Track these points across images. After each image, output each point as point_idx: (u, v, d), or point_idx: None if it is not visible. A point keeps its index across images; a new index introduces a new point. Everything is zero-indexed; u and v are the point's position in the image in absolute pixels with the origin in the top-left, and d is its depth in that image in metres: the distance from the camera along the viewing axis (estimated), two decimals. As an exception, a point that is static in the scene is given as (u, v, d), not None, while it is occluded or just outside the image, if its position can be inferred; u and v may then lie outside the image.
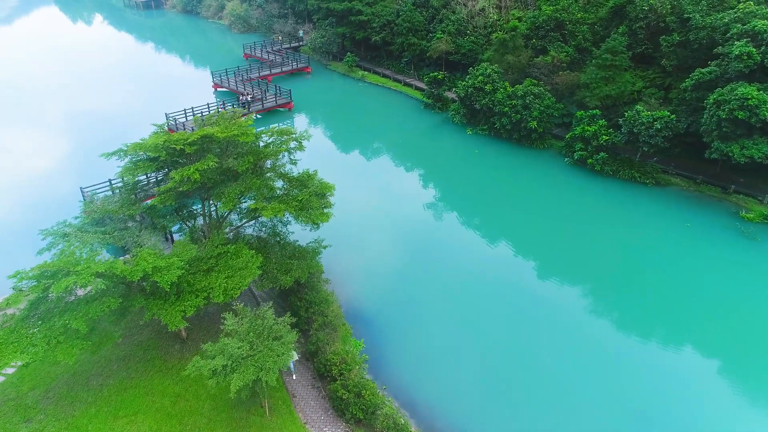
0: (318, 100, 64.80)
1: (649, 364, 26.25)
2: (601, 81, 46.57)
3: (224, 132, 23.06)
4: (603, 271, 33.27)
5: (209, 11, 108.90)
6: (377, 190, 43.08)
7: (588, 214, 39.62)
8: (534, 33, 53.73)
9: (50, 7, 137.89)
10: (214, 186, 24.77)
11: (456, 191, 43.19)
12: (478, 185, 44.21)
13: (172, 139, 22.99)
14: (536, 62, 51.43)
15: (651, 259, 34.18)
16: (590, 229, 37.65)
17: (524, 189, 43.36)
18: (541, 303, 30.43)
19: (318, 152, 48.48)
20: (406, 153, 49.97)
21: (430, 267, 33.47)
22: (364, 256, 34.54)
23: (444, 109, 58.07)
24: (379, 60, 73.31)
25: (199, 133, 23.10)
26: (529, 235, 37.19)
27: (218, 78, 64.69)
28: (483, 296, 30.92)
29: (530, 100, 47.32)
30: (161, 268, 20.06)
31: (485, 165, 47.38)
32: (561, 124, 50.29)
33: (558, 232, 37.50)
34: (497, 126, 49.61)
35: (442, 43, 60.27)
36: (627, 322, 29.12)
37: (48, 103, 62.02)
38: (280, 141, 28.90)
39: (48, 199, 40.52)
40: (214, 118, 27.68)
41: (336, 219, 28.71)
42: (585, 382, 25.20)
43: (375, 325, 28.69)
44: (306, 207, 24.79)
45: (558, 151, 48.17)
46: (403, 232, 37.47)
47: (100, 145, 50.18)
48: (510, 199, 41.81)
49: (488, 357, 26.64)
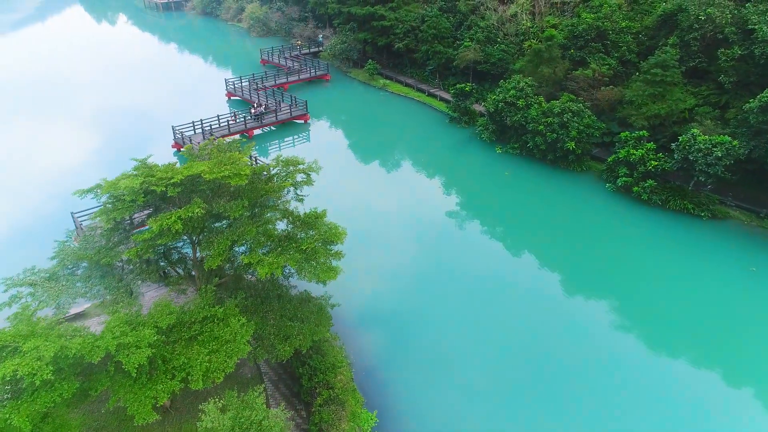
0: (336, 111, 60.99)
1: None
2: (649, 98, 41.75)
3: (213, 172, 19.24)
4: (653, 319, 28.67)
5: (228, 14, 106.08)
6: (396, 215, 38.96)
7: (633, 250, 34.99)
8: (572, 43, 49.04)
9: (74, 7, 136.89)
10: (203, 231, 21.02)
11: (485, 219, 38.84)
12: (509, 212, 39.83)
13: (152, 180, 19.25)
14: (574, 75, 46.76)
15: (710, 309, 29.45)
16: (636, 268, 33.05)
17: (561, 218, 38.85)
18: (586, 350, 26.05)
19: (334, 170, 44.63)
20: (430, 174, 45.75)
21: (460, 311, 29.27)
22: (381, 296, 30.52)
23: (471, 124, 53.71)
24: (402, 68, 69.20)
25: (184, 173, 19.32)
26: (568, 271, 32.75)
27: (232, 86, 61.32)
28: (522, 350, 26.63)
29: (568, 117, 42.74)
30: (128, 345, 16.34)
31: (517, 189, 42.95)
32: (600, 143, 45.55)
33: (600, 269, 33.03)
34: (530, 145, 45.12)
35: (470, 52, 55.91)
36: (684, 387, 24.56)
37: (53, 105, 59.42)
38: (285, 173, 25.06)
39: (39, 221, 37.38)
40: (209, 147, 23.93)
41: (350, 250, 24.77)
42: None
43: (393, 388, 24.69)
44: (311, 258, 20.85)
45: (598, 175, 43.47)
46: (426, 266, 33.31)
47: (100, 161, 47.91)
48: (545, 230, 37.34)
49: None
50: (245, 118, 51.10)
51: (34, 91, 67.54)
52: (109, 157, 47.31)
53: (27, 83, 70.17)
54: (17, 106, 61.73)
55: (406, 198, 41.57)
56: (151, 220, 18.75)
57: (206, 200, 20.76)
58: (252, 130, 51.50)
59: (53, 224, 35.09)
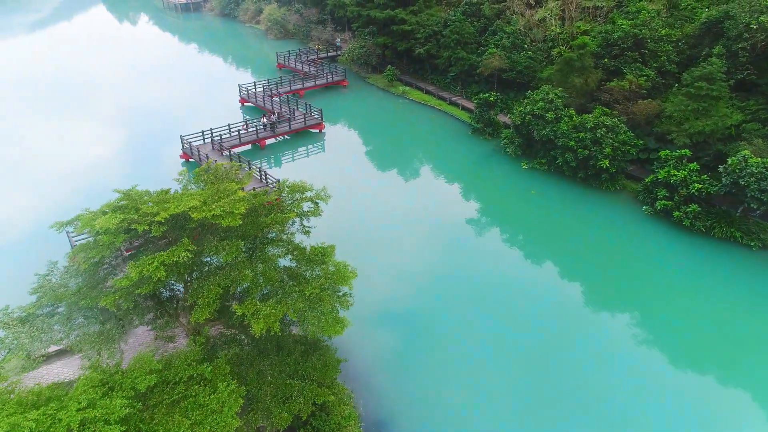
0: (353, 119, 58.34)
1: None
2: (692, 114, 38.29)
3: (203, 210, 16.69)
4: (692, 357, 25.45)
5: (246, 15, 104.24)
6: (412, 236, 36.09)
7: (673, 280, 31.77)
8: (606, 51, 45.65)
9: (97, 6, 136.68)
10: (192, 272, 18.50)
11: (511, 242, 35.82)
12: (536, 234, 36.74)
13: (133, 217, 16.76)
14: (609, 87, 43.40)
15: (761, 350, 26.11)
16: (676, 300, 29.90)
17: (592, 241, 35.72)
18: (624, 388, 22.97)
19: (348, 184, 42.05)
20: (451, 191, 42.82)
21: (489, 357, 26.32)
22: (396, 334, 27.75)
23: (495, 136, 50.60)
24: (423, 74, 66.30)
25: (171, 210, 16.79)
26: (600, 300, 29.65)
27: (245, 92, 59.09)
28: (565, 403, 23.65)
29: (602, 133, 39.48)
30: (94, 420, 13.86)
31: (544, 209, 39.81)
32: (636, 160, 42.16)
33: (635, 298, 29.98)
34: (559, 162, 41.94)
35: (495, 59, 52.78)
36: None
37: (63, 108, 57.80)
38: (291, 201, 22.48)
39: (38, 234, 35.36)
40: (205, 174, 21.44)
41: (362, 279, 22.06)
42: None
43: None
44: (315, 305, 18.20)
45: (633, 195, 40.11)
46: (447, 297, 30.42)
47: (107, 171, 45.88)
48: (576, 255, 34.23)
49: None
50: (257, 127, 48.73)
51: (45, 92, 66.27)
52: (115, 167, 45.43)
53: (38, 83, 68.92)
54: (29, 105, 60.33)
55: (423, 217, 38.73)
56: (131, 264, 16.26)
57: (197, 237, 18.24)
58: (264, 140, 49.11)
59: (52, 239, 33.04)
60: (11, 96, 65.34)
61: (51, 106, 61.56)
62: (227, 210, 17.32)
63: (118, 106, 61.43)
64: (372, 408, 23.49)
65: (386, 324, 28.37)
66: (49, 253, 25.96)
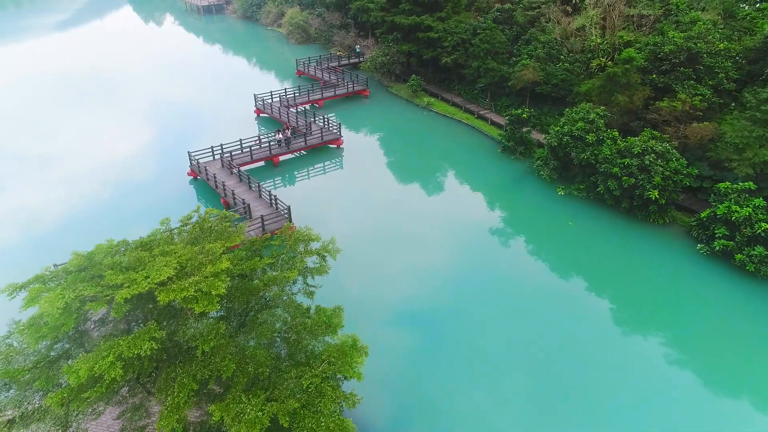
0: (373, 133, 54.77)
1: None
2: (756, 141, 33.71)
3: (172, 291, 13.25)
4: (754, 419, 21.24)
5: (268, 18, 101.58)
6: (432, 267, 32.34)
7: (734, 335, 27.36)
8: (655, 66, 41.19)
9: (123, 8, 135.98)
10: (159, 365, 15.09)
11: (544, 280, 31.74)
12: (573, 271, 32.59)
13: (89, 294, 13.42)
14: (658, 107, 38.97)
15: None
16: (737, 356, 25.60)
17: (637, 282, 31.50)
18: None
19: (366, 205, 38.56)
20: (478, 217, 38.86)
21: (527, 411, 22.53)
22: (421, 386, 24.08)
23: (527, 155, 46.49)
24: (449, 84, 62.37)
25: (135, 288, 13.39)
26: (646, 350, 25.48)
27: (261, 103, 56.02)
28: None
29: (651, 160, 35.15)
30: None
31: (583, 241, 35.66)
32: (687, 187, 37.69)
33: (688, 350, 25.70)
34: (600, 189, 37.71)
35: (529, 72, 48.61)
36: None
37: (70, 112, 55.49)
38: (291, 256, 18.99)
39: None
40: (187, 228, 18.06)
41: (382, 319, 18.52)
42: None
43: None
44: (313, 399, 14.66)
45: (686, 231, 35.67)
46: (474, 340, 26.63)
47: (109, 191, 43.29)
48: (620, 297, 30.08)
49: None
50: (270, 143, 45.49)
51: (62, 92, 64.32)
52: (122, 179, 42.75)
53: (56, 83, 67.01)
54: (45, 103, 58.27)
55: (447, 248, 34.93)
56: (80, 359, 12.91)
57: (170, 318, 14.83)
58: (278, 156, 45.84)
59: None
60: (25, 93, 63.45)
61: (65, 106, 59.41)
62: (204, 289, 13.84)
63: (131, 111, 59.26)
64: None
65: (406, 386, 24.72)
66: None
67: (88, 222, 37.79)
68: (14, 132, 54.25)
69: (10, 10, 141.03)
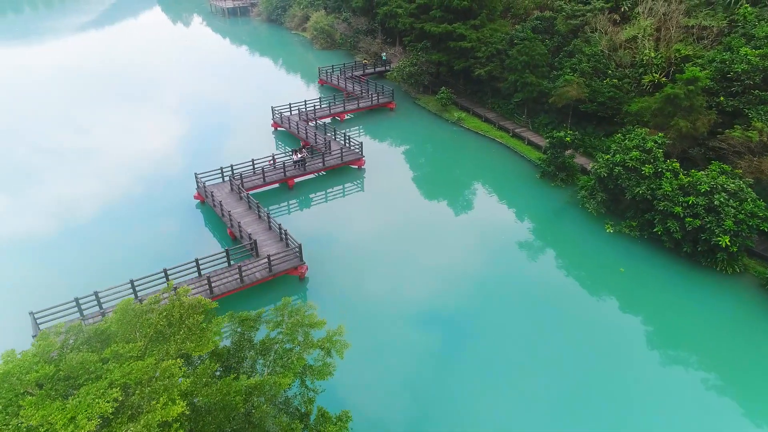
0: (399, 151, 50.39)
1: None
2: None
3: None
4: None
5: (293, 22, 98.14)
6: (463, 314, 27.89)
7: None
8: (722, 87, 35.96)
9: (153, 9, 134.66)
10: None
11: (591, 333, 26.96)
12: (628, 330, 27.68)
13: (35, 414, 9.49)
14: (728, 136, 33.74)
15: None
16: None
17: (703, 344, 26.56)
18: None
19: (387, 236, 34.31)
20: (513, 258, 34.15)
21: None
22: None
23: (569, 182, 41.63)
24: (482, 97, 57.66)
25: None
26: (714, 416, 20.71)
27: (278, 116, 52.27)
28: None
29: (721, 200, 30.07)
30: None
31: (637, 292, 30.64)
32: (763, 232, 32.39)
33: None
34: (658, 230, 32.70)
35: (573, 89, 43.63)
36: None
37: (79, 120, 52.64)
38: (286, 350, 14.86)
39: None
40: (158, 307, 14.05)
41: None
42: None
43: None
44: None
45: (759, 281, 30.46)
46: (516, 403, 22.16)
47: (113, 211, 40.04)
48: (684, 363, 25.15)
49: None
50: (284, 164, 41.55)
51: (82, 92, 61.90)
52: (122, 209, 39.43)
53: (79, 83, 64.58)
54: (48, 108, 55.73)
55: (483, 291, 30.42)
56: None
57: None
58: (293, 178, 41.91)
59: (21, 319, 26.86)
60: (28, 92, 61.10)
61: (80, 106, 56.70)
62: (153, 423, 9.78)
63: (145, 116, 57.01)
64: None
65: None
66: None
67: (81, 246, 34.56)
68: (14, 133, 51.68)
69: (40, 10, 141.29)
